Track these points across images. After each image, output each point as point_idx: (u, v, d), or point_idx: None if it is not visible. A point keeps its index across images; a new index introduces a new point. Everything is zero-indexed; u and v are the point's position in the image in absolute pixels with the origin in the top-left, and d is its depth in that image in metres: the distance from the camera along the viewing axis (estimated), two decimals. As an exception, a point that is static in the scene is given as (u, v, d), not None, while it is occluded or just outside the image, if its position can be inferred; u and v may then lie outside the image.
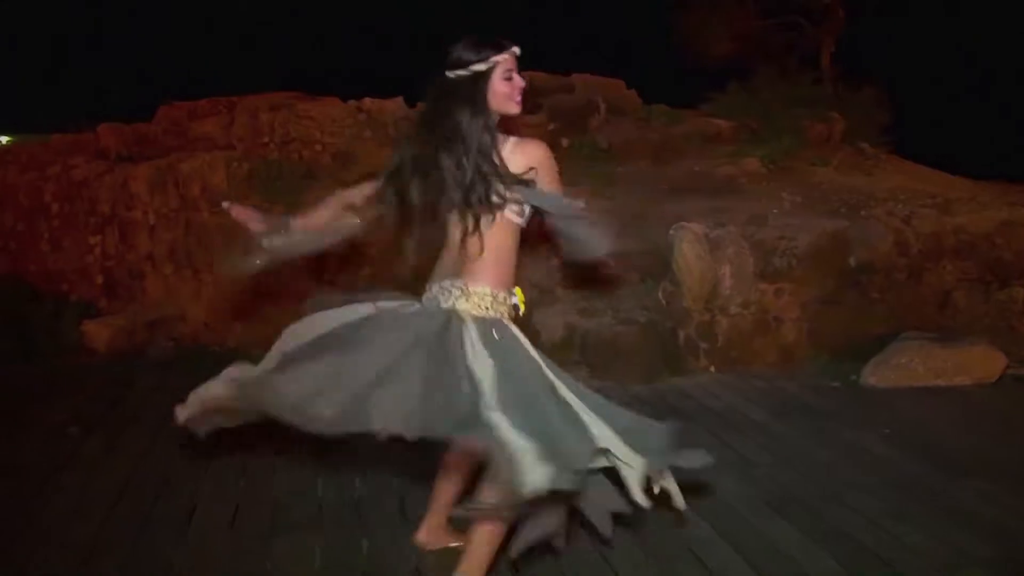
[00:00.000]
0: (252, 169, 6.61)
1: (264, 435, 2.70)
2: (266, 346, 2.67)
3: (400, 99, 7.35)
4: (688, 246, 5.46)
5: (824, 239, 5.90)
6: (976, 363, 5.33)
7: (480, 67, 2.50)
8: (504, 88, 2.54)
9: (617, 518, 2.55)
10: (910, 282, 6.21)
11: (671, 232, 5.60)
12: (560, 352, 5.35)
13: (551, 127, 7.34)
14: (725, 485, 3.69)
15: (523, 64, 2.63)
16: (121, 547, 3.23)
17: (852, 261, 6.08)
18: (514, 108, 2.59)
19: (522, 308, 2.69)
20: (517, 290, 2.69)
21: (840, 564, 3.00)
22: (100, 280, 7.72)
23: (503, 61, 2.53)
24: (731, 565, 3.02)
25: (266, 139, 7.27)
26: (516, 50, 2.57)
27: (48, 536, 3.33)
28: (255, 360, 2.66)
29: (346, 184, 3.38)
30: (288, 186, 6.49)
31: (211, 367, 2.66)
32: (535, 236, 5.22)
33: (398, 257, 2.72)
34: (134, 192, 7.16)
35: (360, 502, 3.62)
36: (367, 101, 7.23)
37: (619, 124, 7.75)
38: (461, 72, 2.51)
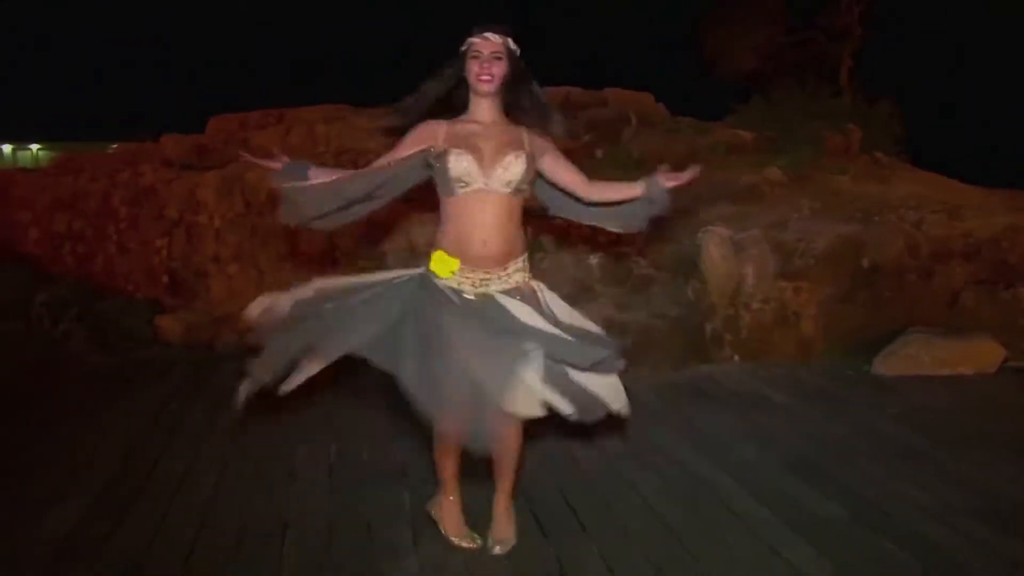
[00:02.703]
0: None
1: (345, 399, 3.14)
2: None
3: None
4: (714, 248, 5.99)
5: (839, 242, 6.40)
6: (978, 354, 5.82)
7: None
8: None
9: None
10: (920, 282, 6.67)
11: (699, 235, 6.12)
12: (598, 342, 5.88)
13: (586, 138, 7.86)
14: (748, 451, 4.25)
15: (560, 80, 3.15)
16: (237, 505, 3.75)
17: (865, 263, 6.56)
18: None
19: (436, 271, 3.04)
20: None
21: (846, 511, 3.54)
22: (166, 280, 8.31)
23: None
24: (753, 510, 3.56)
25: (321, 149, 7.85)
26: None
27: (171, 499, 3.82)
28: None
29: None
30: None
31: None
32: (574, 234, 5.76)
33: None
34: (201, 198, 7.74)
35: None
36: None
37: (649, 135, 8.26)
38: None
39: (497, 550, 3.22)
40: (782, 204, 7.21)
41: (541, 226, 6.31)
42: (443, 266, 2.99)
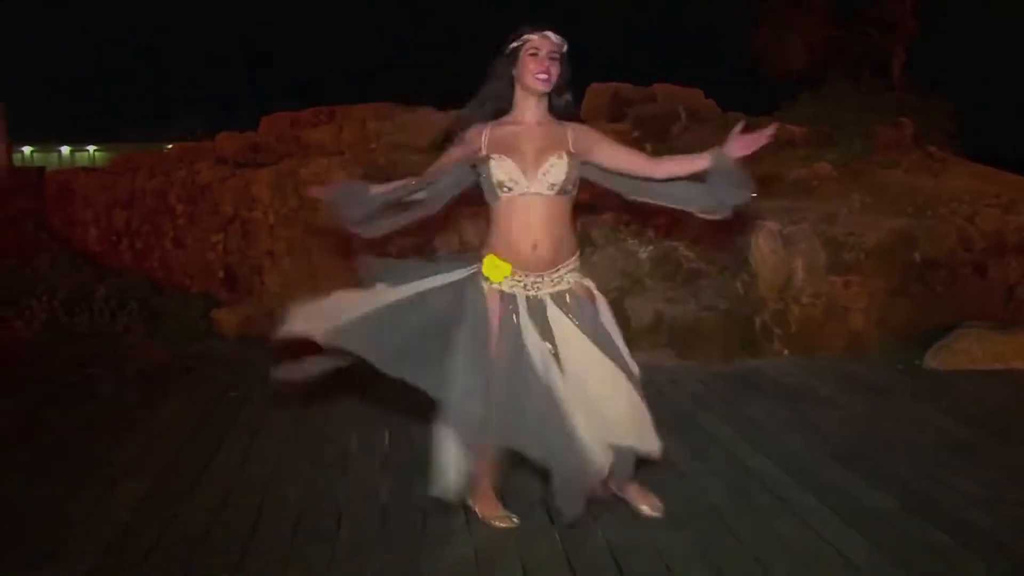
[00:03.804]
0: (364, 174, 7.30)
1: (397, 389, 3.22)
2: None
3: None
4: (764, 241, 6.00)
5: (891, 236, 6.37)
6: (1033, 348, 5.75)
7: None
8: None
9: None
10: (974, 277, 6.61)
11: (748, 229, 6.13)
12: (648, 336, 5.92)
13: (635, 135, 7.89)
14: (795, 442, 4.27)
15: (609, 76, 3.17)
16: (296, 483, 3.88)
17: (917, 257, 6.53)
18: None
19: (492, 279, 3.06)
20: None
21: (895, 500, 3.55)
22: (221, 274, 8.50)
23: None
24: (801, 498, 3.59)
25: (373, 145, 7.98)
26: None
27: (235, 477, 3.98)
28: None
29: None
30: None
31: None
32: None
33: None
34: (255, 195, 7.90)
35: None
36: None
37: (699, 131, 8.24)
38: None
39: (649, 511, 3.39)
40: (833, 198, 7.17)
41: (591, 221, 6.36)
42: (496, 271, 3.00)
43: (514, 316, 2.99)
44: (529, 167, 2.95)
